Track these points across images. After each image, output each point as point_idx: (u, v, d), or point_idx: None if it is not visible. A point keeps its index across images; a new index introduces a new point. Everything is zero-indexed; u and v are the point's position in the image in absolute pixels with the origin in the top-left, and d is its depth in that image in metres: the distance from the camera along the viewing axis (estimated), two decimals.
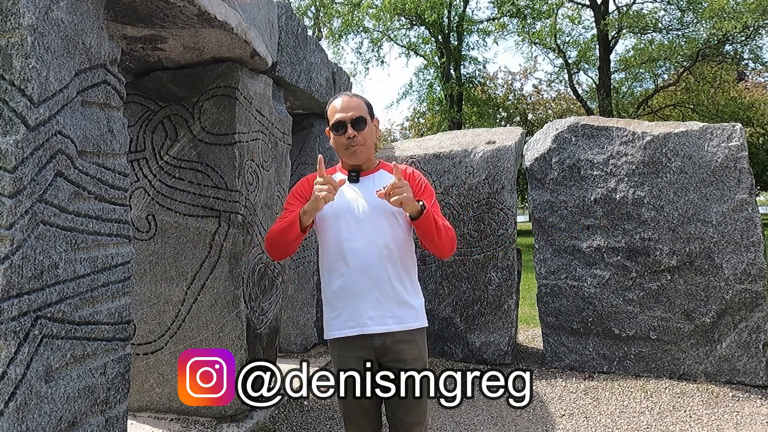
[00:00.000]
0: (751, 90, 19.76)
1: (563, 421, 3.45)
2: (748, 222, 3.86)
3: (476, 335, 4.53)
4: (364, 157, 2.05)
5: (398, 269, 1.97)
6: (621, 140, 4.22)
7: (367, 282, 1.93)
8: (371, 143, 2.07)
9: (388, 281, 1.94)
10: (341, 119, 2.00)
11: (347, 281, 1.95)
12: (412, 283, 2.03)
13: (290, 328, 4.78)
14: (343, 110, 2.01)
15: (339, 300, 1.97)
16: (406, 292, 1.98)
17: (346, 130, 1.99)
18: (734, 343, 3.88)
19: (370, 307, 1.93)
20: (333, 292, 1.98)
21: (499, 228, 4.48)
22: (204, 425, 3.12)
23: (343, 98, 2.05)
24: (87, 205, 1.87)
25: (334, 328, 1.98)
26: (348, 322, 1.95)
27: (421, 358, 1.98)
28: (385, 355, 1.95)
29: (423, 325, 2.01)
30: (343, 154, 2.06)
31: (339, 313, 1.97)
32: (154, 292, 3.19)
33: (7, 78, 1.60)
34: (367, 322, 1.93)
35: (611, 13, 17.98)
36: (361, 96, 2.11)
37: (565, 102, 21.23)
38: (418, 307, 2.02)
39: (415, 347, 1.97)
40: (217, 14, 2.44)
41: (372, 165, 2.10)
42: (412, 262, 2.06)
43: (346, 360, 1.97)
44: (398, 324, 1.94)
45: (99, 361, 1.91)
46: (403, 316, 1.96)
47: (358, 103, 2.04)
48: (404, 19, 19.61)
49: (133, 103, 3.19)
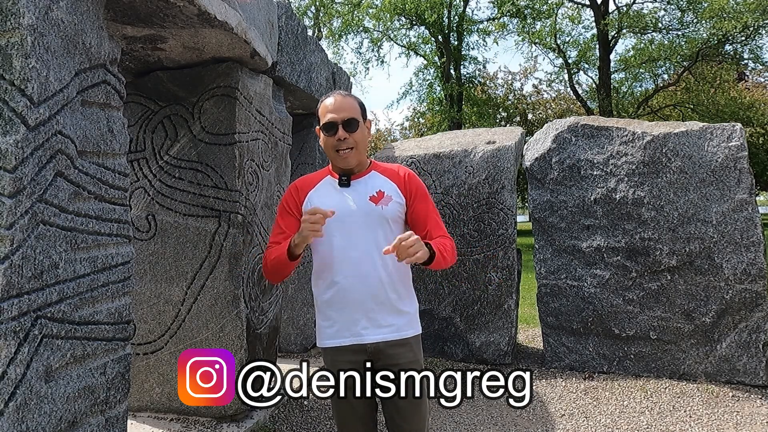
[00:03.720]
0: (751, 90, 19.76)
1: (563, 421, 3.45)
2: (748, 222, 3.86)
3: (476, 335, 4.53)
4: (355, 161, 1.96)
5: (392, 277, 1.91)
6: (621, 140, 4.22)
7: (360, 291, 1.88)
8: (363, 146, 1.99)
9: (382, 290, 1.89)
10: (332, 120, 1.92)
11: (340, 290, 1.90)
12: (406, 289, 1.98)
13: (290, 328, 4.78)
14: (335, 110, 1.93)
15: (332, 309, 1.92)
16: (400, 299, 1.93)
17: (337, 131, 1.92)
18: (734, 343, 3.88)
19: (364, 317, 1.88)
20: (325, 301, 1.94)
21: (499, 228, 4.48)
22: (204, 425, 3.13)
23: (336, 97, 1.96)
24: (87, 205, 1.87)
25: (327, 337, 1.94)
26: (342, 332, 1.90)
27: (417, 362, 1.95)
28: (379, 360, 1.91)
29: (417, 332, 1.98)
30: (333, 157, 1.97)
31: (332, 323, 1.92)
32: (154, 292, 3.19)
33: (7, 78, 1.60)
34: (361, 332, 1.89)
35: (611, 13, 17.99)
36: (355, 96, 2.04)
37: (565, 102, 21.22)
38: (413, 313, 1.98)
39: (410, 351, 1.93)
40: (217, 14, 2.44)
41: (363, 167, 2.02)
42: (407, 268, 1.99)
43: (339, 364, 1.93)
44: (393, 333, 1.90)
45: (99, 361, 1.91)
46: (398, 324, 1.91)
47: (351, 104, 1.96)
48: (404, 19, 19.62)
49: (133, 103, 3.19)
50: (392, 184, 1.98)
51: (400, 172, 2.03)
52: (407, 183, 2.00)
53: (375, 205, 1.92)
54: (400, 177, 2.01)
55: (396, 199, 1.96)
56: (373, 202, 1.92)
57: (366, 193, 1.93)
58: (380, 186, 1.95)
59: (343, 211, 1.90)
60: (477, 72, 21.28)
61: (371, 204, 1.92)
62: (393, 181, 1.99)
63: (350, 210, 1.92)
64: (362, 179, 1.98)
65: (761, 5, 14.20)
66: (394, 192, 1.96)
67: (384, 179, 1.99)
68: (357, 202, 1.93)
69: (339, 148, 1.92)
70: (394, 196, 1.95)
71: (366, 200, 1.91)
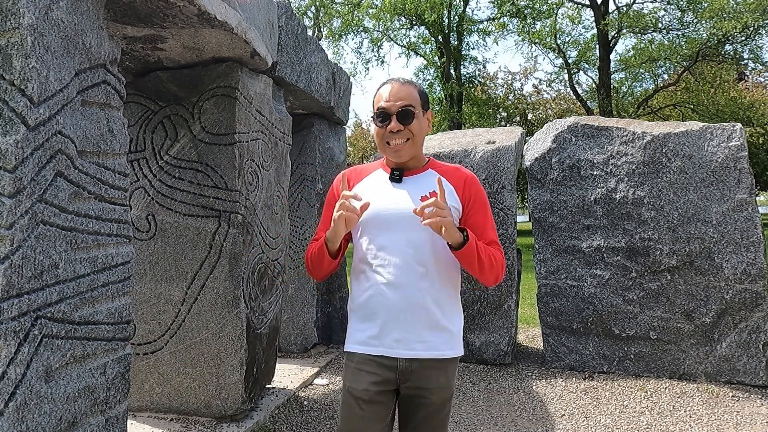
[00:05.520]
0: (751, 90, 19.77)
1: (563, 421, 3.45)
2: (748, 222, 3.86)
3: (476, 335, 4.53)
4: (408, 156, 1.76)
5: (435, 287, 1.71)
6: (621, 140, 4.22)
7: (397, 299, 1.68)
8: (420, 140, 1.78)
9: (421, 301, 1.68)
10: (385, 108, 1.73)
11: (375, 294, 1.71)
12: (451, 304, 1.76)
13: (290, 328, 4.78)
14: (390, 99, 1.73)
15: (365, 312, 1.74)
16: (442, 313, 1.71)
17: (390, 122, 1.72)
18: (734, 343, 3.88)
19: (397, 328, 1.68)
20: (360, 303, 1.76)
21: (499, 228, 4.48)
22: (204, 425, 3.12)
23: (393, 85, 1.75)
24: (87, 205, 1.87)
25: (355, 341, 1.76)
26: (372, 339, 1.72)
27: (448, 387, 1.73)
28: (408, 380, 1.70)
29: (458, 353, 1.75)
30: (384, 150, 1.78)
31: (364, 327, 1.74)
32: (154, 292, 3.19)
33: (7, 78, 1.59)
34: (392, 344, 1.69)
35: (611, 13, 18.00)
36: (415, 84, 1.80)
37: (565, 102, 21.24)
38: (456, 331, 1.75)
39: (443, 375, 1.72)
40: (217, 14, 2.44)
41: (419, 164, 1.82)
42: (455, 280, 1.79)
43: (362, 376, 1.72)
44: (428, 350, 1.69)
45: (99, 361, 1.91)
46: (435, 342, 1.70)
47: (408, 92, 1.74)
48: (404, 19, 19.63)
49: (133, 103, 3.19)
50: (449, 186, 1.77)
51: (461, 174, 1.82)
52: (467, 187, 1.78)
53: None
54: (460, 179, 1.80)
55: (451, 203, 1.72)
56: None
57: (419, 192, 1.74)
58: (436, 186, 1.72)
59: (390, 209, 1.73)
60: (477, 72, 21.33)
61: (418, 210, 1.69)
62: (451, 182, 1.79)
63: (397, 209, 1.73)
64: (417, 176, 1.79)
65: (761, 5, 14.21)
66: (450, 194, 1.75)
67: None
68: (407, 200, 1.73)
69: (390, 140, 1.74)
70: (450, 199, 1.73)
71: (417, 200, 1.71)
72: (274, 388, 3.80)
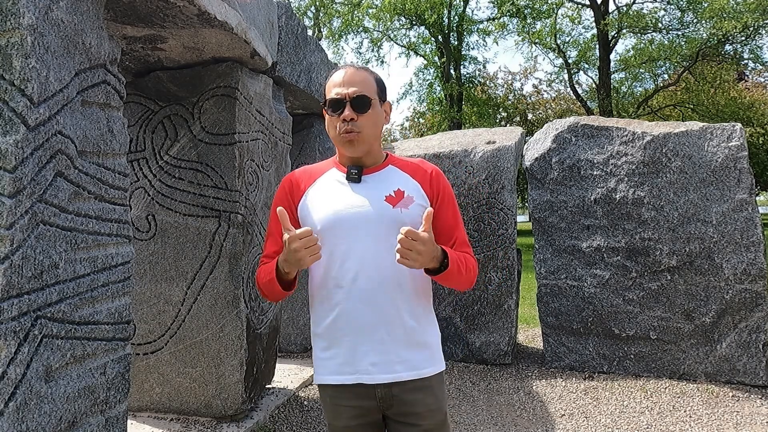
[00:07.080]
0: (751, 90, 19.79)
1: (563, 421, 3.45)
2: (748, 222, 3.86)
3: (476, 335, 4.53)
4: (364, 150, 1.55)
5: (409, 299, 1.52)
6: (621, 140, 4.22)
7: (369, 316, 1.48)
8: (376, 132, 1.56)
9: (396, 315, 1.49)
10: (339, 95, 1.51)
11: (343, 314, 1.49)
12: (426, 315, 1.57)
13: (290, 328, 4.78)
14: (343, 84, 1.52)
15: (333, 337, 1.52)
16: (419, 327, 1.53)
17: (343, 111, 1.51)
18: (734, 343, 3.88)
19: (372, 350, 1.48)
20: (325, 326, 1.53)
21: (499, 228, 4.48)
22: (204, 425, 3.12)
23: (347, 70, 1.55)
24: (87, 205, 1.87)
25: (326, 371, 1.54)
26: (344, 366, 1.50)
27: (439, 410, 1.54)
28: (391, 407, 1.51)
29: (440, 369, 1.57)
30: (337, 142, 1.55)
31: (333, 354, 1.52)
32: (154, 292, 3.19)
33: (7, 78, 1.60)
34: (368, 369, 1.48)
35: (611, 13, 18.00)
36: (371, 70, 1.60)
37: (565, 102, 21.26)
38: (434, 345, 1.58)
39: (431, 395, 1.52)
40: (217, 14, 2.44)
41: (378, 160, 1.61)
42: (429, 289, 1.60)
43: (340, 411, 1.53)
44: (409, 371, 1.50)
45: (99, 361, 1.91)
46: (416, 360, 1.51)
47: (364, 78, 1.54)
48: (404, 19, 19.63)
49: (133, 103, 3.19)
50: (414, 182, 1.58)
51: (425, 168, 1.61)
52: (433, 182, 1.59)
53: (392, 208, 1.51)
54: (426, 174, 1.60)
55: (419, 201, 1.55)
56: (390, 203, 1.52)
57: (381, 191, 1.53)
58: (400, 184, 1.55)
59: (351, 214, 1.51)
60: (477, 72, 21.34)
61: (387, 206, 1.51)
62: (416, 178, 1.59)
63: (360, 212, 1.51)
64: (377, 174, 1.58)
65: (761, 5, 14.21)
66: (416, 192, 1.56)
67: (404, 176, 1.59)
68: (369, 202, 1.52)
69: (343, 131, 1.51)
70: (417, 197, 1.55)
71: (381, 201, 1.52)
72: (274, 388, 3.80)
